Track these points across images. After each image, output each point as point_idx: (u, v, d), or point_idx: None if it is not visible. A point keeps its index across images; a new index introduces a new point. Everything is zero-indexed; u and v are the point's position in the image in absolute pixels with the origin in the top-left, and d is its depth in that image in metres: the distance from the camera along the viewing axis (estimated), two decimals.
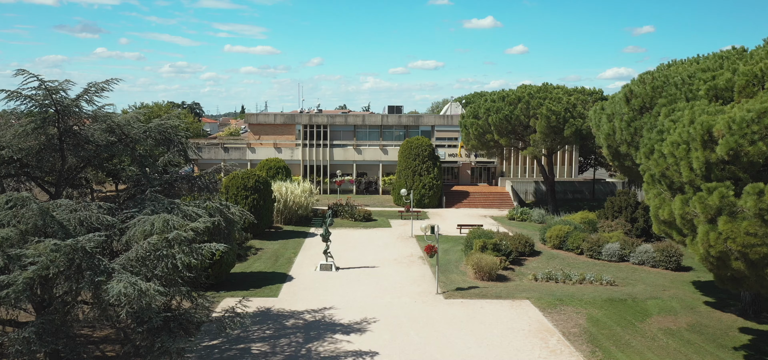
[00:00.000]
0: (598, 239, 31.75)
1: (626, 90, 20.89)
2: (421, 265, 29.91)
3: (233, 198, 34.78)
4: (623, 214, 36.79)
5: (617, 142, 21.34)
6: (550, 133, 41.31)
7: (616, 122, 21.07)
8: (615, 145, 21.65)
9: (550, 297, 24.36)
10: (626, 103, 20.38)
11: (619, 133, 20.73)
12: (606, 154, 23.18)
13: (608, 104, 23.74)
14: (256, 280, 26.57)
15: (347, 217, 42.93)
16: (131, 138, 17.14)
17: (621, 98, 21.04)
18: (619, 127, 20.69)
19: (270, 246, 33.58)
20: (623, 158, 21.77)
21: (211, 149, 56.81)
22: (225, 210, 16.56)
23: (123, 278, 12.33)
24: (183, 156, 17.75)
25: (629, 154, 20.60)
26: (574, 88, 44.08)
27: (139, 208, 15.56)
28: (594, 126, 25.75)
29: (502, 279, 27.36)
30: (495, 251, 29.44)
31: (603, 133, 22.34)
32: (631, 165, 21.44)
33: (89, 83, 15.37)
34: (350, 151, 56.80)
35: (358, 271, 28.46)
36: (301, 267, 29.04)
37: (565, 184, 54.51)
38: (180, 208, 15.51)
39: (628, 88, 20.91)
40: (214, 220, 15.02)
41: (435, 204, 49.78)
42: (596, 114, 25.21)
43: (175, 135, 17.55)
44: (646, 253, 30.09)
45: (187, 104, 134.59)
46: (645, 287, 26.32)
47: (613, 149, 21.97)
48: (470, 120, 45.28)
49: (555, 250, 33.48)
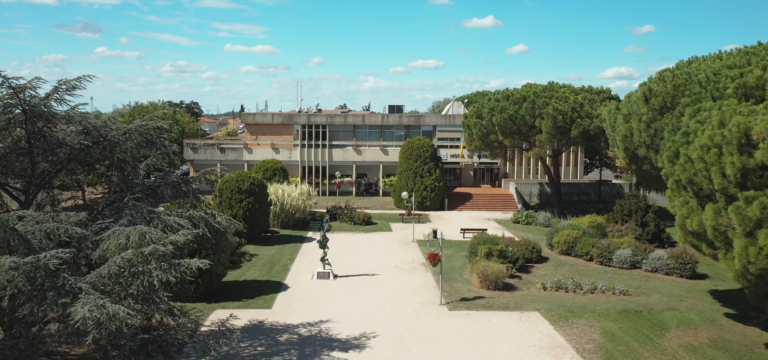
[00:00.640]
0: (608, 245, 30.32)
1: (645, 89, 19.45)
2: (424, 272, 28.51)
3: (227, 201, 33.37)
4: (633, 218, 35.36)
5: (635, 145, 19.93)
6: (556, 134, 39.90)
7: (634, 123, 19.65)
8: (633, 147, 20.23)
9: (561, 308, 22.95)
10: (645, 103, 18.96)
11: (638, 134, 19.32)
12: (622, 156, 21.76)
13: (624, 104, 22.30)
14: (249, 289, 25.16)
15: (346, 220, 41.53)
16: (109, 141, 15.74)
17: (639, 97, 19.61)
18: (637, 128, 19.28)
19: (265, 252, 32.17)
20: (641, 161, 20.36)
21: (208, 150, 55.40)
22: (210, 219, 15.14)
23: (90, 300, 10.93)
24: (167, 160, 16.32)
25: (648, 158, 19.20)
26: (580, 87, 42.65)
27: (115, 218, 14.15)
28: (608, 127, 24.32)
29: (509, 288, 25.95)
30: (501, 258, 28.04)
31: (619, 134, 20.91)
32: (649, 169, 20.04)
33: (59, 81, 13.98)
34: (350, 152, 55.39)
35: (357, 279, 27.05)
36: (297, 275, 27.62)
37: (570, 185, 53.08)
38: (160, 218, 14.10)
39: (646, 87, 19.47)
40: (198, 232, 13.61)
41: (437, 206, 48.36)
42: (611, 114, 23.77)
43: (158, 137, 16.12)
44: (660, 259, 28.67)
45: (186, 104, 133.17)
46: (660, 297, 24.91)
47: (630, 152, 20.54)
48: (473, 120, 43.86)
49: (563, 256, 32.05)
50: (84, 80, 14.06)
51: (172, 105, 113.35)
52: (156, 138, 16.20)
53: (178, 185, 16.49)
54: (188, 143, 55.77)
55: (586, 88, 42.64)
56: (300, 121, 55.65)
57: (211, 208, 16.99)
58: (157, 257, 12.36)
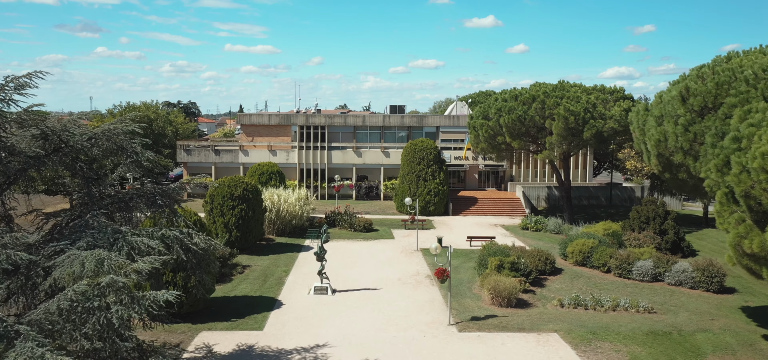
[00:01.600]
0: (627, 256, 28.18)
1: (681, 88, 17.28)
2: (430, 285, 26.39)
3: (219, 208, 31.22)
4: (651, 226, 33.23)
5: (670, 150, 17.78)
6: (567, 135, 37.75)
7: (669, 126, 17.52)
8: (667, 153, 18.09)
9: (582, 329, 20.83)
10: (682, 103, 16.83)
11: (674, 139, 17.19)
12: (654, 164, 19.61)
13: (655, 105, 20.13)
14: (239, 306, 23.04)
15: (346, 226, 39.39)
16: (72, 147, 13.61)
17: (674, 97, 17.45)
18: (672, 131, 17.16)
19: (259, 263, 30.02)
20: (677, 169, 18.20)
21: (202, 152, 53.26)
22: (186, 239, 13.01)
23: (25, 350, 8.80)
24: (139, 168, 14.20)
25: (685, 165, 17.07)
26: (593, 87, 40.49)
27: (73, 239, 12.03)
28: (636, 130, 22.13)
29: (523, 304, 23.83)
30: (513, 271, 25.92)
31: (652, 139, 18.75)
32: (686, 177, 17.91)
33: (6, 77, 11.85)
34: (350, 154, 53.24)
35: (358, 294, 24.92)
36: (292, 290, 25.49)
37: (579, 189, 50.92)
38: (126, 239, 11.97)
39: (682, 86, 17.30)
40: (167, 258, 11.49)
41: (441, 211, 46.20)
42: (639, 116, 21.59)
43: (129, 143, 14.00)
44: (684, 272, 26.53)
45: (183, 103, 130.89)
46: (689, 315, 22.78)
47: (664, 159, 18.40)
48: (480, 121, 41.71)
49: (578, 267, 29.91)
50: (36, 77, 11.93)
51: (169, 105, 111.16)
52: (126, 143, 14.07)
53: (153, 197, 14.35)
54: (182, 145, 53.64)
55: (599, 87, 40.49)
56: (298, 121, 53.51)
57: (190, 224, 14.90)
58: (117, 289, 10.25)
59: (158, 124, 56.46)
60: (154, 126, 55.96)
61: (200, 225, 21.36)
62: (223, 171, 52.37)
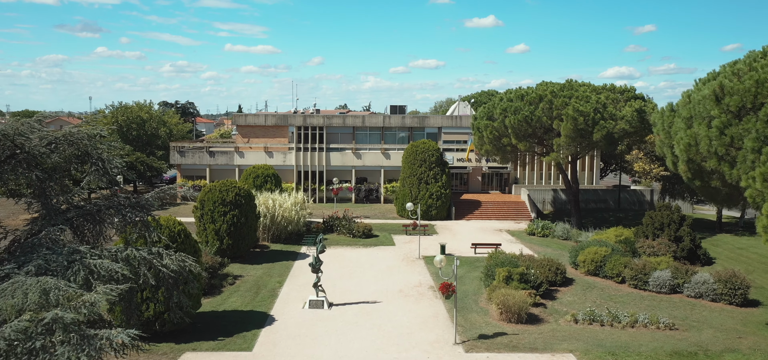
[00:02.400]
0: (643, 265, 26.47)
1: (714, 86, 15.54)
2: (433, 298, 24.68)
3: (209, 215, 29.51)
4: (666, 232, 31.52)
5: (702, 155, 16.07)
6: (576, 137, 36.05)
7: (701, 129, 15.81)
8: (699, 158, 16.38)
9: (600, 349, 19.12)
10: (716, 103, 15.12)
11: (706, 143, 15.48)
12: (683, 170, 17.90)
13: (682, 104, 18.36)
14: (228, 323, 21.33)
15: (344, 232, 37.69)
16: (28, 152, 11.92)
17: (706, 97, 15.72)
18: (705, 135, 15.44)
19: (251, 272, 28.31)
20: (709, 176, 16.49)
21: (196, 153, 51.53)
22: (156, 261, 11.29)
23: None
24: (105, 177, 12.51)
25: (720, 171, 15.37)
26: (602, 86, 38.80)
27: (21, 261, 10.33)
28: (660, 132, 20.40)
29: (534, 320, 22.12)
30: (522, 282, 24.23)
31: (681, 143, 17.03)
32: (719, 185, 16.20)
33: None
34: (349, 156, 51.52)
35: (356, 308, 23.20)
36: (286, 303, 23.78)
37: (587, 192, 49.17)
38: (84, 261, 10.27)
39: (715, 84, 15.56)
40: (124, 288, 9.79)
41: (443, 215, 44.49)
42: (665, 118, 19.85)
43: (94, 148, 12.29)
44: (705, 284, 24.82)
45: (181, 104, 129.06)
46: (714, 333, 21.06)
47: (695, 165, 16.69)
48: (484, 121, 40.01)
49: (590, 277, 28.20)
50: None
51: (166, 105, 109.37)
52: (91, 149, 12.36)
53: (122, 209, 12.64)
54: (175, 146, 51.91)
55: (609, 86, 38.80)
56: (295, 122, 51.78)
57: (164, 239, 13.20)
58: (64, 326, 8.54)
59: (151, 124, 54.69)
60: (146, 127, 54.20)
61: (184, 236, 19.63)
62: (218, 173, 50.66)
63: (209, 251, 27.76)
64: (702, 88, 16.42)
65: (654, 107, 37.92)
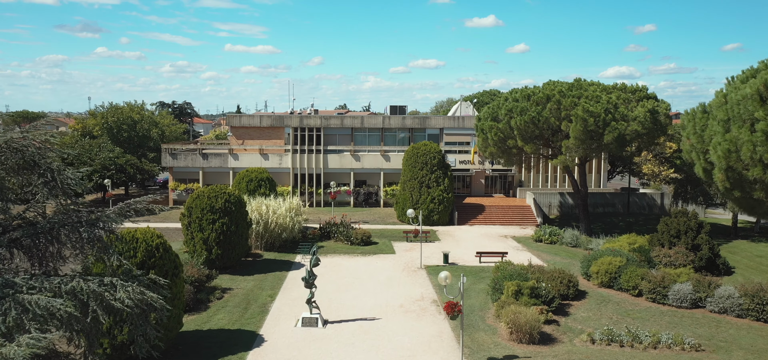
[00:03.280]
0: (662, 277, 24.64)
1: (757, 84, 13.68)
2: (436, 314, 22.84)
3: (197, 223, 27.67)
4: (682, 240, 29.68)
5: (744, 163, 14.25)
6: (586, 139, 34.20)
7: (742, 133, 13.99)
8: (740, 166, 14.55)
9: None
10: (761, 104, 13.29)
11: (750, 149, 13.65)
12: (720, 179, 16.05)
13: (717, 106, 16.46)
14: (213, 343, 19.50)
15: (342, 239, 35.84)
16: None
17: (748, 97, 13.88)
18: (748, 140, 13.62)
19: (241, 285, 26.46)
20: (751, 186, 14.66)
21: (189, 156, 49.63)
22: (108, 292, 9.45)
23: None
24: (55, 188, 10.69)
25: (763, 181, 13.53)
26: (613, 85, 36.97)
27: None
28: (691, 136, 18.53)
29: (547, 339, 20.28)
30: (532, 297, 22.42)
31: (719, 149, 15.19)
32: (763, 196, 14.36)
33: None
34: (347, 158, 49.66)
35: (353, 326, 21.36)
36: (277, 320, 21.94)
37: (594, 195, 47.29)
38: (17, 297, 8.43)
39: (759, 82, 13.71)
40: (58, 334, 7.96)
41: (445, 221, 42.63)
42: (697, 120, 17.97)
43: (41, 157, 10.46)
44: (730, 298, 22.98)
45: (178, 104, 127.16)
46: (744, 355, 19.23)
47: (735, 173, 14.85)
48: (488, 123, 38.17)
49: (604, 290, 26.36)
50: None
51: (162, 105, 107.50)
52: (38, 157, 10.53)
53: (77, 228, 10.80)
54: (167, 148, 50.03)
55: (619, 85, 36.96)
56: (292, 123, 49.92)
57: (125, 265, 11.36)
58: None
59: (143, 125, 52.82)
60: (138, 128, 52.33)
61: (163, 250, 17.77)
62: (211, 177, 48.82)
63: (196, 262, 25.94)
64: (740, 86, 14.58)
65: (667, 107, 36.10)
